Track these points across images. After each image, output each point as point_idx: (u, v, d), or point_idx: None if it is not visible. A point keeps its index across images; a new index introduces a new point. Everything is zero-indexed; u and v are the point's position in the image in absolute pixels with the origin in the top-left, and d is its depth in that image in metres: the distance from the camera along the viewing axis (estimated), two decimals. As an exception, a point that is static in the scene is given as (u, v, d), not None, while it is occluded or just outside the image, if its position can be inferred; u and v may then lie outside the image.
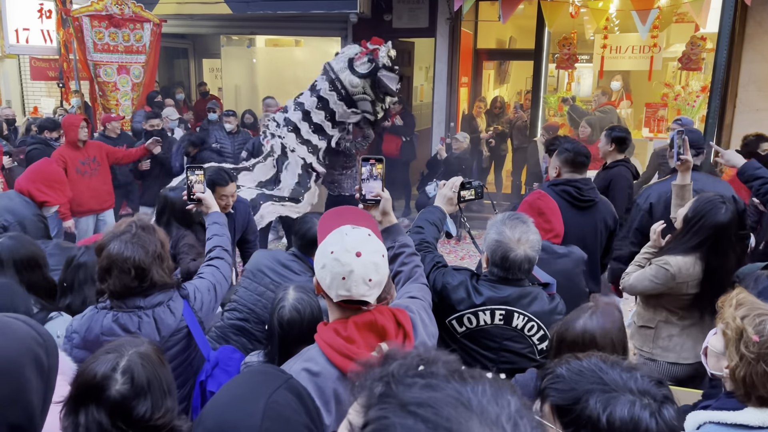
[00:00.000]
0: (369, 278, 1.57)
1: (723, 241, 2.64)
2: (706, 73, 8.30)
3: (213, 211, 2.67)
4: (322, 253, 1.61)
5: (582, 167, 3.31)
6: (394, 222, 2.12)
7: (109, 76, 7.53)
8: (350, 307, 1.61)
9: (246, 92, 10.68)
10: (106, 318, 2.04)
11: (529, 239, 2.12)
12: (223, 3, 8.15)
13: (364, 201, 2.11)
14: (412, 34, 8.94)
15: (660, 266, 2.70)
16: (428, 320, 1.83)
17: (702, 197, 2.72)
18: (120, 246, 2.02)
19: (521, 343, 2.15)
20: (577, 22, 8.38)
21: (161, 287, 2.10)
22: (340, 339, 1.57)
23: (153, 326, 2.06)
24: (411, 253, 2.05)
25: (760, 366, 1.53)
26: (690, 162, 3.13)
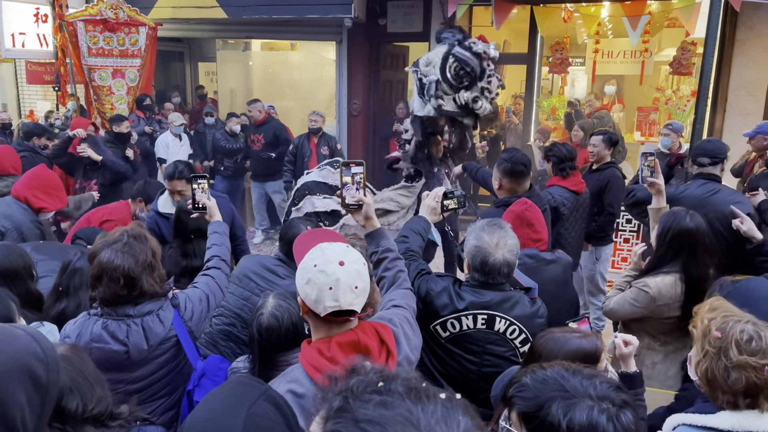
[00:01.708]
0: (355, 285, 1.61)
1: (697, 249, 2.64)
2: (696, 77, 8.36)
3: (215, 220, 2.71)
4: (305, 270, 1.63)
5: (521, 176, 3.26)
6: (377, 227, 2.16)
7: (103, 80, 7.56)
8: (337, 320, 1.63)
9: (241, 96, 10.70)
10: (96, 325, 2.07)
11: (507, 243, 2.18)
12: (219, 7, 8.20)
13: (346, 206, 2.15)
14: (407, 38, 8.99)
15: (640, 288, 2.69)
16: (411, 332, 1.85)
17: (667, 213, 2.78)
18: (111, 254, 2.05)
19: (504, 347, 2.20)
20: (569, 27, 8.45)
21: (151, 296, 2.13)
22: (323, 359, 1.59)
23: (141, 334, 2.08)
24: (394, 258, 2.09)
25: (721, 361, 1.58)
26: (660, 185, 3.11)
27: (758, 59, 6.89)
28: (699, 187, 3.65)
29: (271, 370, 2.00)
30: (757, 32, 6.82)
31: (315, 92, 10.27)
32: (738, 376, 1.55)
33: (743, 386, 1.55)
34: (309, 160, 6.71)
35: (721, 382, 1.58)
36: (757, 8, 6.47)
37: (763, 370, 1.54)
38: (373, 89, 9.02)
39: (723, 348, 1.58)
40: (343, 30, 8.27)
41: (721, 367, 1.58)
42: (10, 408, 1.08)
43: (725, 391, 1.59)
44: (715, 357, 1.59)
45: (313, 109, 7.46)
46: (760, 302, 1.97)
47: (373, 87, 9.01)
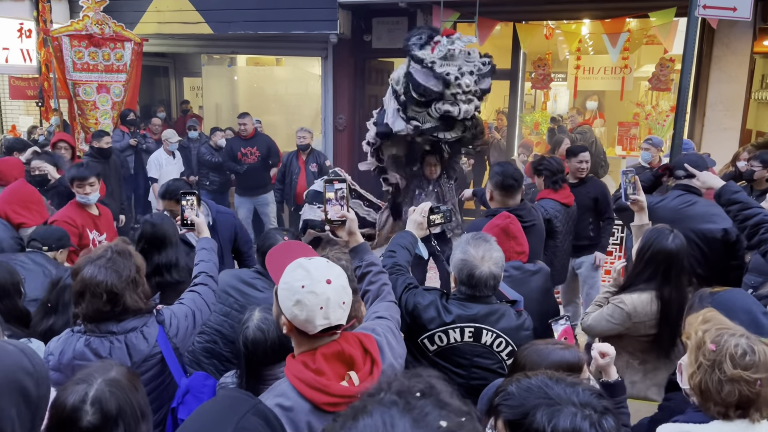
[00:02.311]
0: (343, 301, 1.63)
1: (674, 270, 2.64)
2: (675, 93, 8.55)
3: (204, 236, 2.71)
4: (291, 290, 1.61)
5: (511, 189, 3.36)
6: (360, 241, 2.19)
7: (88, 95, 7.54)
8: (324, 334, 1.64)
9: (227, 111, 10.73)
10: (79, 342, 2.06)
11: (493, 256, 2.22)
12: (204, 23, 8.23)
13: (329, 222, 2.18)
14: (392, 54, 9.07)
15: (616, 305, 2.68)
16: (395, 341, 1.87)
17: (651, 228, 2.77)
18: (93, 270, 2.04)
19: (490, 359, 2.23)
20: (551, 43, 8.61)
21: (135, 312, 2.12)
22: (309, 372, 1.59)
23: (124, 351, 2.07)
24: (378, 272, 2.11)
25: (715, 374, 1.61)
26: (642, 202, 3.14)
27: (734, 75, 7.06)
28: (675, 199, 3.75)
29: (259, 383, 2.01)
30: (733, 49, 7.00)
31: (300, 107, 10.32)
32: (731, 389, 1.58)
33: (736, 399, 1.58)
34: (298, 177, 6.72)
35: (714, 394, 1.61)
36: (733, 26, 6.65)
37: (756, 384, 1.57)
38: (359, 104, 9.08)
39: (717, 361, 1.61)
40: (329, 46, 8.33)
41: (715, 380, 1.61)
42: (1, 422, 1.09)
43: (717, 402, 1.62)
44: (710, 369, 1.62)
45: (298, 123, 7.49)
46: (739, 313, 2.01)
47: (359, 102, 9.07)
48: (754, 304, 2.06)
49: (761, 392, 1.58)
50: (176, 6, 8.27)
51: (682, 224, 3.63)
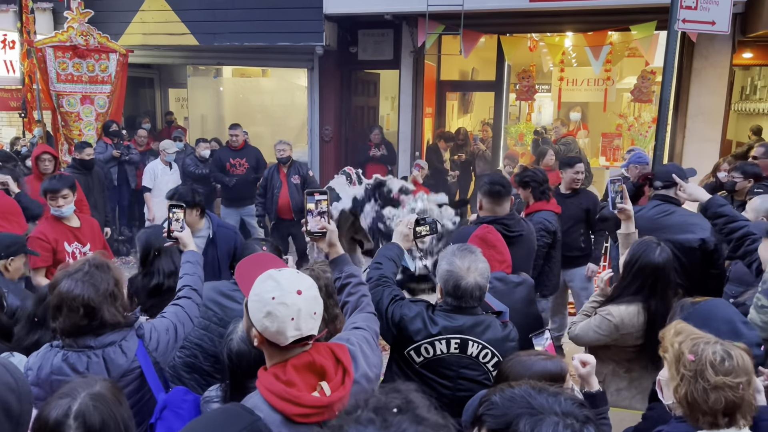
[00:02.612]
0: (314, 312, 1.64)
1: (660, 283, 2.67)
2: (656, 104, 8.69)
3: (189, 249, 2.69)
4: (262, 302, 1.61)
5: (499, 197, 3.42)
6: (341, 253, 2.19)
7: (72, 106, 7.49)
8: (296, 345, 1.64)
9: (212, 122, 10.71)
10: (56, 357, 2.03)
11: (478, 267, 2.24)
12: (190, 34, 8.23)
13: (310, 234, 2.18)
14: (377, 66, 9.15)
15: (603, 317, 2.70)
16: (370, 351, 1.87)
17: (638, 241, 2.80)
18: (70, 284, 2.02)
19: (477, 371, 2.23)
20: (535, 55, 8.72)
21: (113, 326, 2.09)
22: (280, 384, 1.59)
23: (102, 366, 2.04)
24: (358, 283, 2.12)
25: (699, 383, 1.63)
26: (629, 210, 3.17)
27: (714, 87, 7.20)
28: (653, 208, 3.83)
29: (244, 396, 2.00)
30: (712, 61, 7.13)
31: (286, 118, 10.33)
32: (717, 396, 1.60)
33: (723, 406, 1.60)
34: (279, 191, 6.68)
35: (701, 404, 1.62)
36: (712, 39, 6.78)
37: (739, 388, 1.60)
38: (345, 115, 9.12)
39: (699, 370, 1.63)
40: (315, 57, 8.37)
41: (700, 389, 1.62)
42: None
43: (706, 412, 1.63)
44: (693, 380, 1.64)
45: (284, 134, 7.48)
46: (719, 323, 2.04)
47: (345, 113, 9.11)
48: (734, 314, 2.10)
49: (744, 396, 1.61)
50: (162, 17, 8.27)
51: (660, 234, 3.67)
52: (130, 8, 8.37)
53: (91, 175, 6.36)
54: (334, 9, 7.62)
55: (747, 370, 1.63)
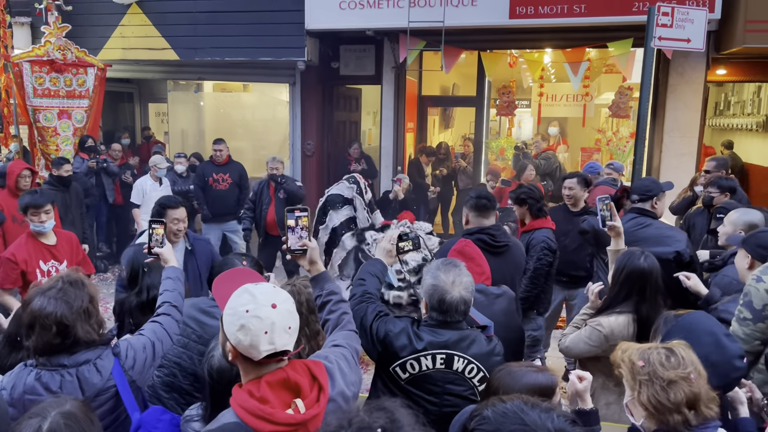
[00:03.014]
0: (289, 326, 1.62)
1: (649, 289, 2.69)
2: (634, 120, 8.84)
3: (170, 265, 2.65)
4: (236, 315, 1.60)
5: (485, 210, 3.46)
6: (321, 270, 2.17)
7: (48, 121, 7.39)
8: (270, 361, 1.62)
9: (193, 137, 10.63)
10: (29, 376, 1.99)
11: (463, 281, 2.24)
12: (171, 49, 8.19)
13: (291, 251, 2.16)
14: (359, 81, 9.18)
15: (593, 327, 2.72)
16: (348, 368, 1.85)
17: (623, 252, 2.83)
18: (43, 301, 1.98)
19: (462, 386, 2.22)
20: (515, 71, 8.83)
21: (88, 344, 2.05)
22: (253, 401, 1.57)
23: (76, 385, 1.99)
24: (338, 300, 2.10)
25: (655, 383, 1.71)
26: (619, 227, 3.20)
27: (689, 103, 7.35)
28: (629, 221, 3.89)
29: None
30: (688, 78, 7.29)
31: (267, 133, 10.30)
32: (675, 389, 1.69)
33: (684, 398, 1.68)
34: (268, 207, 6.65)
35: (664, 402, 1.69)
36: (687, 56, 6.93)
37: (690, 377, 1.70)
38: (327, 130, 9.12)
39: (651, 372, 1.73)
40: (297, 72, 8.38)
41: (659, 388, 1.70)
42: None
43: (671, 409, 1.69)
44: (649, 382, 1.72)
45: (265, 149, 7.44)
46: (702, 335, 2.06)
47: (327, 128, 9.12)
48: (716, 326, 2.11)
49: (700, 385, 1.71)
50: (142, 32, 8.22)
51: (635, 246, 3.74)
52: (109, 23, 8.31)
53: (68, 191, 6.27)
54: (316, 25, 7.65)
55: (692, 361, 1.74)
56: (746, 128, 9.55)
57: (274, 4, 7.78)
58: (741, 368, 2.03)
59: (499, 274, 3.28)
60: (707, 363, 1.98)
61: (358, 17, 7.45)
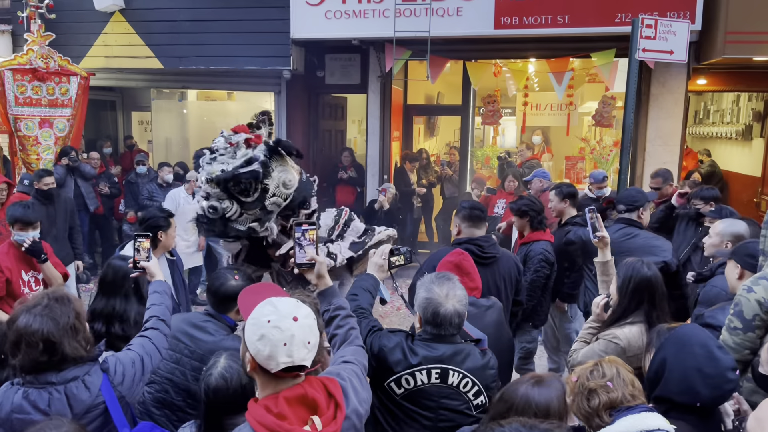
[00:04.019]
0: (308, 341, 1.62)
1: (657, 295, 2.73)
2: (616, 128, 8.96)
3: (156, 279, 2.62)
4: (257, 325, 1.61)
5: (478, 220, 3.49)
6: (329, 285, 2.17)
7: (30, 129, 7.27)
8: (288, 375, 1.62)
9: (177, 145, 10.53)
10: (17, 395, 1.96)
11: (457, 294, 2.24)
12: (154, 58, 8.12)
13: (298, 266, 2.15)
14: (345, 90, 9.18)
15: (609, 341, 2.69)
16: (360, 386, 1.86)
17: (623, 266, 2.83)
18: (28, 319, 1.96)
19: (458, 400, 2.21)
20: (500, 80, 8.90)
21: (76, 361, 2.02)
22: (271, 416, 1.57)
23: (64, 403, 1.97)
24: (346, 316, 2.10)
25: (581, 394, 1.95)
26: (606, 238, 3.22)
27: (671, 112, 7.46)
28: (616, 232, 3.94)
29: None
30: (669, 87, 7.40)
31: (252, 141, 10.21)
32: (595, 398, 1.91)
33: (601, 404, 1.90)
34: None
35: (588, 409, 1.92)
36: (669, 66, 7.04)
37: (608, 385, 1.92)
38: (313, 139, 9.10)
39: (580, 384, 1.97)
40: (282, 81, 8.35)
41: (584, 397, 1.93)
42: None
43: (591, 413, 1.91)
44: (579, 394, 1.96)
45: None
46: (695, 347, 2.07)
47: (313, 137, 9.10)
48: (708, 339, 2.13)
49: (620, 391, 1.91)
50: (125, 41, 8.14)
51: (623, 256, 3.77)
52: (92, 31, 8.22)
53: (53, 204, 5.98)
54: (302, 34, 7.64)
55: (612, 372, 1.96)
56: (725, 137, 9.72)
57: (260, 12, 7.75)
58: (734, 380, 2.04)
59: (486, 284, 3.29)
60: (700, 375, 2.01)
61: (344, 26, 7.46)
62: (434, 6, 7.08)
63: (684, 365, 2.04)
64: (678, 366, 2.05)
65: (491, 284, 3.41)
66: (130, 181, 8.04)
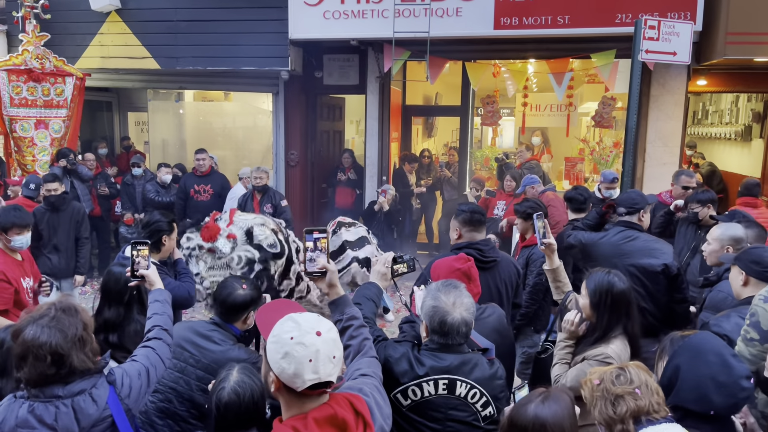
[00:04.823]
0: (333, 355, 1.57)
1: (632, 308, 2.71)
2: (616, 129, 8.93)
3: (156, 288, 2.56)
4: (280, 343, 1.56)
5: (479, 224, 3.45)
6: (341, 294, 2.12)
7: (25, 131, 7.20)
8: (313, 393, 1.57)
9: (174, 146, 10.46)
10: (21, 408, 1.90)
11: (464, 302, 2.19)
12: (151, 58, 8.05)
13: (309, 274, 2.09)
14: (343, 91, 9.13)
15: (601, 361, 2.60)
16: (382, 401, 1.82)
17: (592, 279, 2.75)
18: (36, 330, 1.89)
19: (465, 412, 2.16)
20: (499, 81, 8.86)
21: (83, 373, 1.97)
22: None
23: (72, 417, 1.91)
24: (359, 326, 2.05)
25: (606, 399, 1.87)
26: (553, 245, 3.19)
27: (671, 113, 7.43)
28: (616, 234, 3.92)
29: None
30: (669, 88, 7.37)
31: (249, 142, 10.19)
32: (621, 404, 1.83)
33: (628, 411, 1.82)
34: (252, 221, 6.55)
35: (612, 414, 1.84)
36: (668, 67, 7.01)
37: (636, 392, 1.84)
38: (311, 139, 9.05)
39: (604, 389, 1.88)
40: (280, 82, 8.29)
41: (608, 403, 1.86)
42: None
43: (617, 420, 1.83)
44: (601, 398, 1.88)
45: (248, 158, 7.32)
46: (709, 355, 2.04)
47: (311, 137, 9.04)
48: (723, 347, 2.09)
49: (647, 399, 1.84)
50: (121, 41, 8.07)
51: (624, 259, 3.77)
52: (88, 31, 8.14)
53: (57, 212, 5.51)
54: (300, 34, 7.58)
55: (640, 379, 1.88)
56: (724, 137, 9.71)
57: (258, 13, 7.69)
58: (748, 389, 2.01)
59: (487, 288, 3.25)
60: (714, 383, 1.97)
61: (343, 27, 7.40)
62: (433, 6, 7.03)
63: (698, 373, 2.02)
64: (691, 374, 2.02)
65: (492, 288, 3.36)
66: (127, 183, 7.97)
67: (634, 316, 2.71)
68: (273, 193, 6.87)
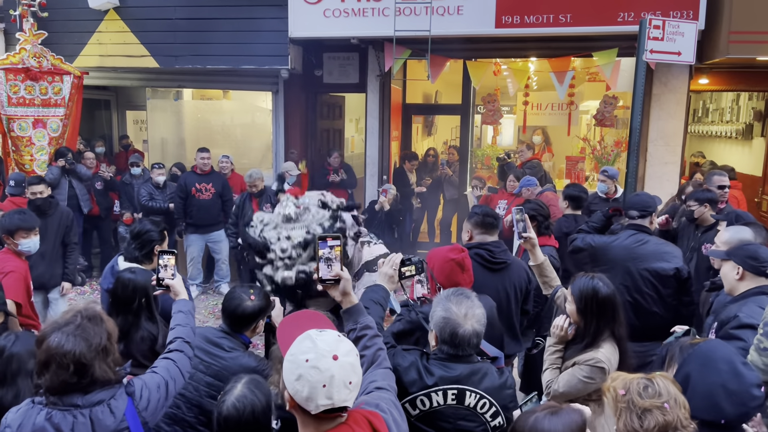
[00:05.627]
0: (349, 381, 1.53)
1: (618, 311, 2.72)
2: (617, 128, 8.90)
3: (180, 298, 2.54)
4: (295, 364, 1.52)
5: (491, 227, 3.43)
6: (354, 302, 2.08)
7: (23, 130, 7.14)
8: (328, 416, 1.53)
9: (173, 145, 10.39)
10: (39, 415, 1.88)
11: (476, 314, 2.16)
12: (150, 56, 7.99)
13: (322, 281, 2.06)
14: (343, 89, 9.09)
15: (593, 366, 2.64)
16: (399, 416, 1.78)
17: (575, 286, 2.76)
18: (60, 338, 1.88)
19: (474, 422, 2.14)
20: (500, 79, 8.82)
21: (103, 383, 1.95)
22: None
23: (88, 427, 1.89)
24: (373, 335, 2.02)
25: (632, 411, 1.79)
26: (533, 239, 3.18)
27: (673, 112, 7.40)
28: (628, 238, 3.89)
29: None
30: (671, 87, 7.34)
31: (249, 140, 10.13)
32: (648, 418, 1.76)
33: (656, 426, 1.74)
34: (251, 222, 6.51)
35: (637, 428, 1.77)
36: (670, 66, 6.98)
37: (665, 406, 1.77)
38: (311, 138, 9.01)
39: (629, 400, 1.81)
40: (279, 80, 8.25)
41: (635, 416, 1.78)
42: None
43: None
44: (627, 410, 1.80)
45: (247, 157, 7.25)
46: (719, 363, 2.02)
47: (311, 136, 9.00)
48: (733, 354, 2.07)
49: (675, 414, 1.77)
50: (120, 39, 8.01)
51: (637, 263, 3.75)
52: (86, 29, 8.08)
53: (45, 217, 5.03)
54: (300, 33, 7.53)
55: (669, 392, 1.81)
56: (725, 136, 9.68)
57: (257, 11, 7.63)
58: (759, 397, 1.99)
59: (495, 291, 3.23)
60: (725, 391, 1.95)
61: (343, 25, 7.35)
62: (434, 5, 6.99)
63: (708, 381, 2.00)
64: (702, 382, 2.00)
65: (500, 290, 3.32)
66: (125, 182, 7.92)
67: (620, 320, 2.73)
68: (270, 194, 6.83)
